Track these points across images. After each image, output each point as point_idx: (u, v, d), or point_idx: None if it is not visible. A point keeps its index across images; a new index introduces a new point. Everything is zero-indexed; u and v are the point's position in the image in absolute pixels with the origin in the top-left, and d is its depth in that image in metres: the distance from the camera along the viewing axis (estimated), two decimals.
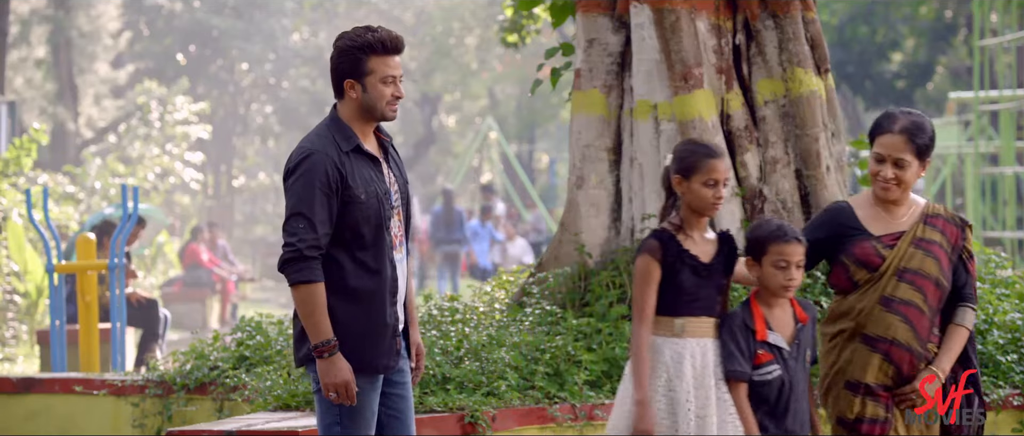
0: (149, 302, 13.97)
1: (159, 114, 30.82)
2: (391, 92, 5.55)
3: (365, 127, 5.60)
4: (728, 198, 8.68)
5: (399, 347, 5.61)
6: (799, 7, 8.93)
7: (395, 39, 5.55)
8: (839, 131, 9.10)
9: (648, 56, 8.85)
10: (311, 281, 5.40)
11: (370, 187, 5.52)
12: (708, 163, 5.59)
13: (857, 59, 35.28)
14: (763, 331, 5.64)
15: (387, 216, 5.55)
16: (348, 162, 5.50)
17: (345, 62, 5.55)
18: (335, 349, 5.40)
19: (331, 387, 5.40)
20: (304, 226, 5.42)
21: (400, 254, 5.63)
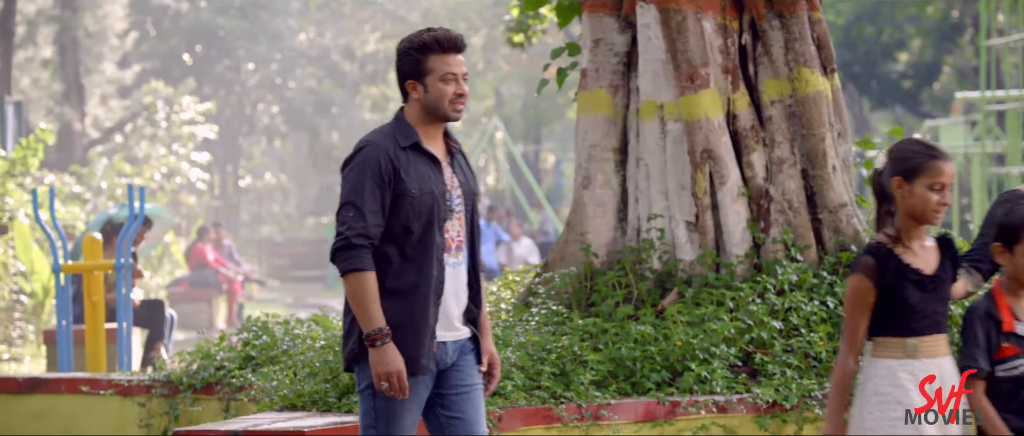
0: (155, 302, 13.98)
1: (165, 114, 30.87)
2: (453, 90, 5.53)
3: (430, 129, 5.60)
4: (734, 198, 8.68)
5: (435, 350, 5.56)
6: (805, 7, 8.93)
7: (453, 37, 5.54)
8: (845, 131, 9.09)
9: (654, 56, 8.85)
10: (360, 269, 5.40)
11: (425, 184, 5.51)
12: (934, 165, 5.15)
13: (863, 59, 35.26)
14: (1010, 322, 5.31)
15: (441, 216, 5.53)
16: (404, 156, 5.50)
17: (405, 64, 5.57)
18: (387, 338, 5.38)
19: (383, 376, 5.38)
20: (353, 215, 5.43)
21: (456, 259, 5.61)
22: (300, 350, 8.40)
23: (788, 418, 7.69)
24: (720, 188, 8.68)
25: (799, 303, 8.26)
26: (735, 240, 8.66)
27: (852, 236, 8.74)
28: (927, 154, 5.18)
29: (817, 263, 8.70)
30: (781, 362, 7.97)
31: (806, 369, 7.98)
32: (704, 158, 8.63)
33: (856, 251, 8.68)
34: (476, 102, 48.44)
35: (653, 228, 8.75)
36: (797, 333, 8.19)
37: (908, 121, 40.51)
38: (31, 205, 15.59)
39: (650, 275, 8.68)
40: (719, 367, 7.86)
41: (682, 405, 7.64)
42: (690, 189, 8.68)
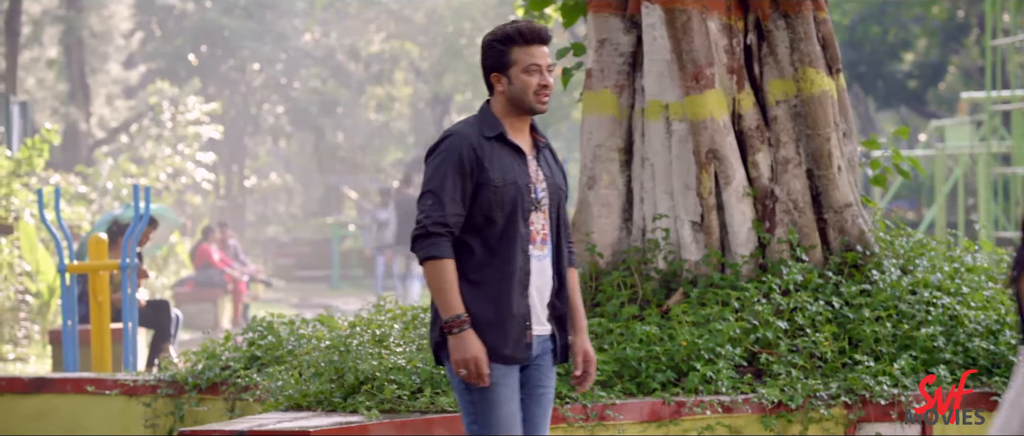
0: (161, 302, 13.99)
1: (171, 114, 30.87)
2: (537, 81, 5.52)
3: (516, 121, 5.59)
4: (739, 198, 8.68)
5: (529, 341, 5.55)
6: (810, 7, 8.93)
7: (536, 29, 5.54)
8: (851, 131, 9.09)
9: (659, 56, 8.84)
10: (437, 257, 5.41)
11: (508, 175, 5.50)
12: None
13: (869, 59, 35.24)
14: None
15: (525, 207, 5.53)
16: (488, 147, 5.51)
17: (489, 57, 5.59)
18: (466, 325, 5.39)
19: (461, 363, 5.38)
20: (432, 203, 5.44)
21: (541, 251, 5.59)
22: (305, 350, 8.41)
23: (793, 418, 7.69)
24: (725, 188, 8.68)
25: (804, 303, 8.25)
26: (740, 240, 8.66)
27: (857, 236, 8.74)
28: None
29: (822, 263, 8.70)
30: (786, 362, 7.97)
31: (811, 369, 7.98)
32: (709, 158, 8.63)
33: (861, 251, 8.68)
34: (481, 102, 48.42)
35: (658, 228, 8.75)
36: (802, 333, 8.19)
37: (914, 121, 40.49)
38: (37, 205, 15.60)
39: (655, 275, 8.68)
40: (724, 367, 7.86)
41: (687, 405, 7.64)
42: (695, 189, 8.68)
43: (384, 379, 7.69)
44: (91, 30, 35.88)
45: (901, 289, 8.44)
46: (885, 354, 8.05)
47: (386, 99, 49.45)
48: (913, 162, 9.91)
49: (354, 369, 7.81)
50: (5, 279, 17.65)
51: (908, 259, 8.91)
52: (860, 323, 8.17)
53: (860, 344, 8.15)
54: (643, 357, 7.91)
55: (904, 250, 8.99)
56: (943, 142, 27.53)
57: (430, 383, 7.67)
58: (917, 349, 8.09)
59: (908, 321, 8.25)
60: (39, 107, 36.18)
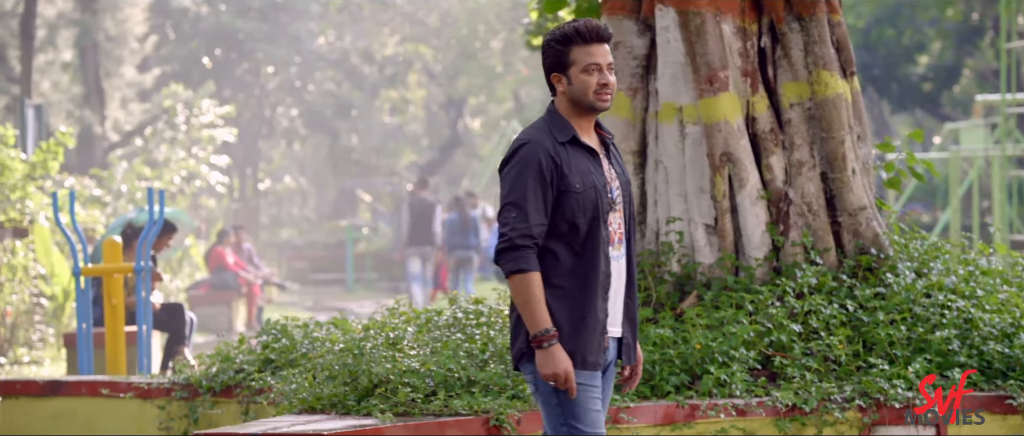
0: (175, 305, 14.00)
1: (185, 117, 30.91)
2: (596, 80, 5.47)
3: (580, 121, 5.54)
4: (753, 201, 8.67)
5: (607, 345, 5.53)
6: (825, 9, 8.92)
7: (594, 28, 5.48)
8: (865, 134, 9.08)
9: (673, 59, 8.84)
10: (524, 270, 5.37)
11: (587, 178, 5.47)
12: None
13: (883, 62, 35.19)
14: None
15: (605, 210, 5.49)
16: (564, 152, 5.47)
17: (549, 58, 5.54)
18: (554, 339, 5.35)
19: (550, 377, 5.35)
20: (516, 215, 5.40)
21: (618, 252, 5.57)
22: (319, 353, 8.41)
23: (808, 421, 7.68)
24: (739, 191, 8.67)
25: (818, 306, 8.24)
26: (754, 243, 8.65)
27: (872, 239, 8.72)
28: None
29: (837, 266, 8.69)
30: (800, 365, 7.96)
31: (826, 372, 7.97)
32: (723, 161, 8.62)
33: (876, 254, 8.67)
34: (495, 105, 48.47)
35: (672, 231, 8.75)
36: (816, 336, 8.17)
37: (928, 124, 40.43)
38: (51, 208, 15.63)
39: (669, 278, 8.67)
40: (738, 370, 7.85)
41: (701, 408, 7.64)
42: (709, 192, 8.68)
43: (398, 382, 7.69)
44: (106, 33, 35.96)
45: (916, 292, 8.43)
46: (900, 357, 8.03)
47: (400, 102, 49.47)
48: (928, 165, 9.89)
49: (368, 372, 7.81)
50: (20, 282, 17.69)
51: (923, 262, 8.89)
52: (874, 326, 8.16)
53: (874, 347, 8.13)
54: (657, 360, 7.91)
55: (919, 253, 8.97)
56: (958, 145, 27.48)
57: (444, 386, 7.68)
58: (932, 352, 8.07)
59: (923, 324, 8.24)
60: (54, 110, 36.25)
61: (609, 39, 5.52)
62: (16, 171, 18.15)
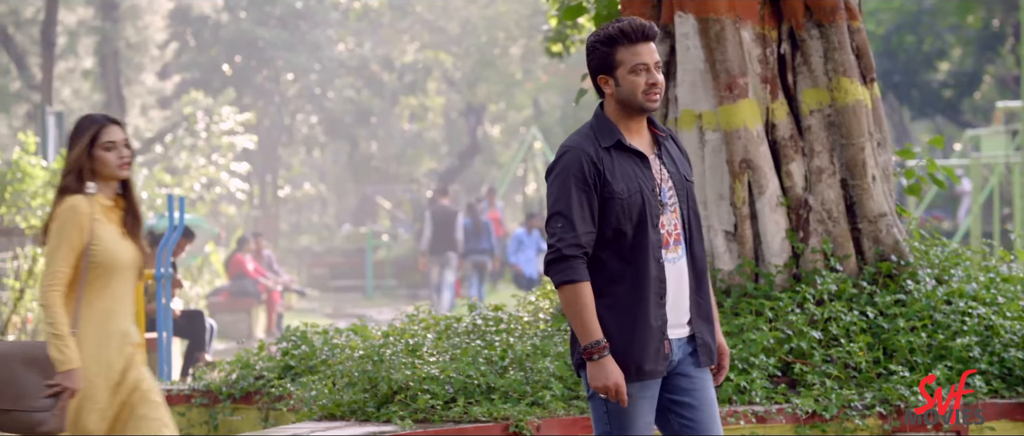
0: (195, 312, 14.03)
1: (205, 125, 30.99)
2: (644, 80, 5.36)
3: (630, 122, 5.42)
4: (773, 208, 8.66)
5: (668, 351, 5.37)
6: (845, 16, 8.90)
7: (640, 27, 5.40)
8: (885, 141, 9.06)
9: (693, 66, 8.83)
10: (574, 281, 5.25)
11: (632, 183, 5.33)
12: None
13: (904, 68, 35.13)
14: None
15: (653, 213, 5.34)
16: (608, 158, 5.34)
17: (594, 60, 5.43)
18: (605, 351, 5.22)
19: (601, 390, 5.24)
20: (562, 225, 5.28)
21: (674, 253, 5.39)
22: (339, 360, 8.42)
23: (828, 428, 7.66)
24: (759, 198, 8.66)
25: (839, 313, 8.22)
26: (774, 250, 8.63)
27: (892, 246, 8.70)
28: None
29: (857, 273, 8.67)
30: (821, 372, 7.94)
31: (846, 379, 7.95)
32: (743, 168, 8.61)
33: (896, 261, 8.65)
34: (515, 112, 48.49)
35: None
36: (837, 343, 8.16)
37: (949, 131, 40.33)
38: None
39: None
40: (758, 377, 7.84)
41: (721, 415, 7.62)
42: (729, 199, 8.67)
43: (417, 389, 7.70)
44: (126, 41, 36.06)
45: (936, 299, 8.41)
46: (920, 364, 8.01)
47: (420, 109, 49.51)
48: (948, 172, 9.87)
49: (387, 379, 7.82)
50: None
51: (943, 269, 8.87)
52: (895, 333, 8.14)
53: (895, 354, 8.11)
54: None
55: (939, 260, 8.94)
56: (978, 151, 27.41)
57: (464, 393, 7.68)
58: (952, 359, 8.05)
59: (943, 331, 8.21)
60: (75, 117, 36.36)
61: (655, 37, 5.44)
62: (37, 178, 18.20)
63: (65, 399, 5.70)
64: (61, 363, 5.68)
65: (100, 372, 5.77)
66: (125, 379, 5.85)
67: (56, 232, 5.81)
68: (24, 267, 17.70)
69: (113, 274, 5.83)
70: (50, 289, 5.75)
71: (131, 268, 5.90)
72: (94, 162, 5.89)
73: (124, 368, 5.84)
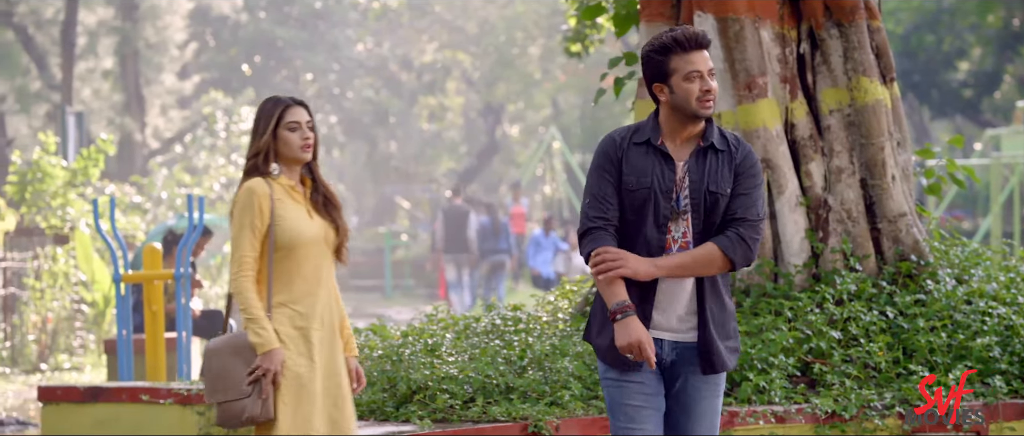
0: (215, 312, 14.05)
1: (224, 124, 31.03)
2: (698, 87, 5.47)
3: (682, 128, 5.53)
4: (792, 207, 8.64)
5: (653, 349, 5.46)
6: (864, 16, 8.89)
7: (693, 35, 5.50)
8: (905, 140, 9.04)
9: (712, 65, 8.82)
10: (595, 250, 5.45)
11: (645, 178, 5.47)
12: None
13: (923, 68, 35.05)
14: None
15: (661, 213, 5.46)
16: (633, 150, 5.52)
17: (649, 69, 5.55)
18: (629, 311, 5.37)
19: (626, 348, 5.38)
20: (588, 202, 5.52)
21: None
22: (358, 360, 8.43)
23: (847, 428, 7.65)
24: (778, 197, 8.65)
25: (858, 313, 8.21)
26: (793, 250, 8.62)
27: (912, 246, 8.69)
28: None
29: (876, 273, 8.65)
30: (840, 372, 7.93)
31: (865, 379, 7.93)
32: (762, 167, 8.60)
33: (916, 261, 8.63)
34: (533, 112, 48.48)
35: None
36: (856, 343, 8.14)
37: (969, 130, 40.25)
38: (92, 215, 15.71)
39: None
40: (777, 377, 7.83)
41: (740, 415, 7.61)
42: None
43: (436, 388, 7.70)
44: (146, 41, 36.15)
45: (956, 299, 8.39)
46: (940, 364, 7.99)
47: (438, 109, 49.54)
48: (968, 171, 9.84)
49: (406, 378, 7.82)
50: (61, 288, 17.79)
51: (963, 268, 8.85)
52: (914, 333, 8.12)
53: (915, 354, 8.10)
54: None
55: (959, 260, 8.92)
56: (999, 151, 27.34)
57: (482, 392, 7.68)
58: (972, 359, 8.03)
59: (963, 331, 8.19)
60: (95, 117, 36.45)
61: (708, 45, 5.52)
62: (57, 178, 18.26)
63: (267, 384, 5.67)
64: (260, 346, 5.65)
65: (301, 353, 5.71)
66: (324, 364, 5.77)
67: (237, 217, 5.76)
68: (44, 266, 17.75)
69: (299, 254, 5.76)
70: (239, 275, 5.71)
71: (319, 246, 5.80)
72: (277, 142, 5.82)
73: (322, 351, 5.76)
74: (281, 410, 5.69)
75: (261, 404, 5.66)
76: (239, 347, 5.75)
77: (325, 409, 5.76)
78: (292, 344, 5.70)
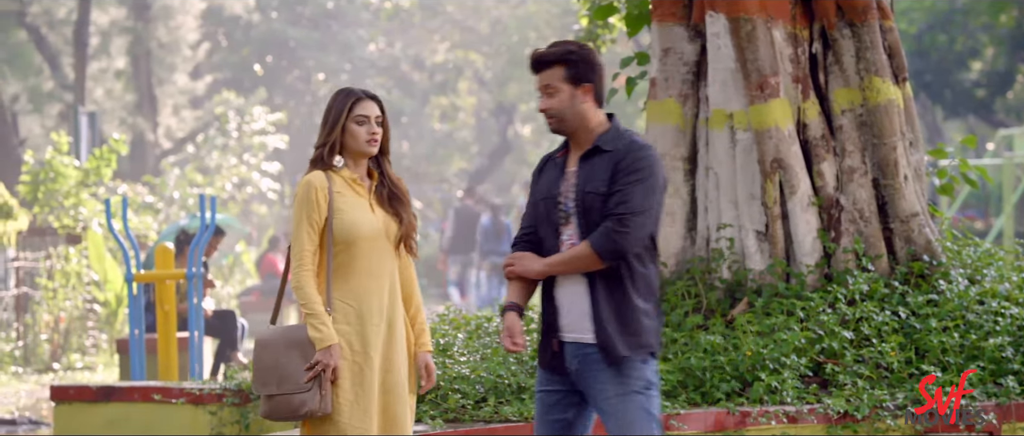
0: (227, 312, 14.08)
1: (236, 124, 31.06)
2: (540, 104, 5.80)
3: (576, 136, 5.74)
4: (804, 207, 8.64)
5: (556, 349, 5.65)
6: (877, 16, 8.88)
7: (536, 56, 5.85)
8: (917, 140, 9.03)
9: (724, 65, 8.82)
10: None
11: (541, 190, 5.74)
12: None
13: (936, 68, 35.00)
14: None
15: (554, 221, 5.67)
16: (546, 168, 5.82)
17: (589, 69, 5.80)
18: (511, 309, 5.75)
19: (503, 338, 5.83)
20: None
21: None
22: None
23: (859, 429, 7.64)
24: (790, 197, 8.64)
25: (870, 313, 8.20)
26: (805, 250, 8.61)
27: (924, 246, 8.67)
28: None
29: (889, 273, 8.64)
30: (852, 372, 7.92)
31: (878, 379, 7.93)
32: (774, 167, 8.59)
33: (928, 261, 8.62)
34: None
35: (723, 238, 8.72)
36: (868, 343, 8.13)
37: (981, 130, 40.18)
38: (104, 215, 15.74)
39: (720, 285, 8.65)
40: (789, 377, 7.82)
41: (752, 415, 7.61)
42: (760, 198, 8.65)
43: (448, 388, 7.71)
44: (158, 41, 36.19)
45: (969, 299, 8.37)
46: (952, 365, 7.98)
47: (450, 109, 49.54)
48: (981, 171, 9.83)
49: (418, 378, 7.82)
50: (73, 288, 17.82)
51: (976, 269, 8.83)
52: (927, 333, 8.11)
53: (927, 354, 8.08)
54: (707, 367, 7.89)
55: (972, 260, 8.91)
56: (1011, 151, 27.29)
57: (494, 392, 7.68)
58: (985, 360, 8.01)
59: (976, 331, 8.18)
60: (107, 117, 36.50)
61: (544, 67, 5.70)
62: (70, 178, 18.29)
63: (326, 379, 5.65)
64: (319, 341, 5.62)
65: (355, 349, 5.69)
66: (383, 359, 5.75)
67: (296, 211, 5.74)
68: (57, 266, 17.78)
69: (358, 248, 5.72)
70: (298, 269, 5.68)
71: (379, 240, 5.77)
72: (345, 135, 5.80)
73: (380, 346, 5.73)
74: (339, 405, 5.67)
75: (321, 398, 5.64)
76: (294, 340, 5.71)
77: (383, 404, 5.74)
78: (347, 339, 5.68)
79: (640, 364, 5.57)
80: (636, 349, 5.56)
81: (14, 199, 17.62)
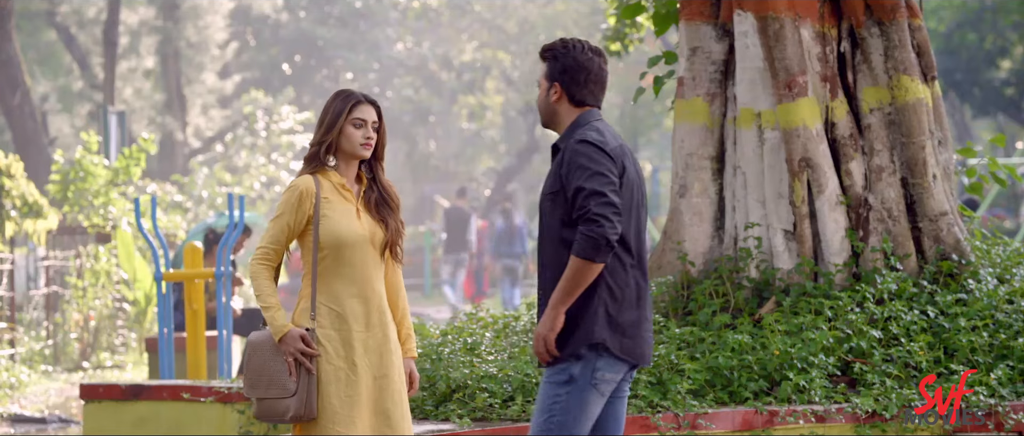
0: (255, 311, 14.10)
1: (265, 124, 31.15)
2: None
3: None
4: (832, 206, 8.62)
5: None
6: (905, 14, 8.85)
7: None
8: (946, 139, 9.00)
9: (752, 64, 8.81)
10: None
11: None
12: None
13: (965, 66, 34.87)
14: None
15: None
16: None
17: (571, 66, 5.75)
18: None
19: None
20: None
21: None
22: None
23: (888, 428, 7.63)
24: (818, 196, 8.62)
25: (899, 312, 8.18)
26: (833, 249, 8.60)
27: (953, 245, 8.65)
28: None
29: (917, 272, 8.62)
30: (881, 372, 7.90)
31: (906, 379, 7.91)
32: (802, 166, 8.58)
33: (957, 260, 8.59)
34: None
35: (750, 237, 8.71)
36: (897, 343, 8.12)
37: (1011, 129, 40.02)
38: (134, 214, 15.79)
39: (747, 284, 8.64)
40: (817, 376, 7.81)
41: (780, 414, 7.60)
42: (788, 197, 8.64)
43: (476, 387, 7.72)
44: (187, 41, 36.30)
45: (998, 298, 8.35)
46: (981, 364, 7.96)
47: (478, 108, 49.56)
48: (1010, 170, 9.80)
49: (446, 377, 7.84)
50: (103, 287, 17.89)
51: (1005, 268, 8.80)
52: (956, 332, 8.09)
53: (956, 354, 8.06)
54: (735, 366, 7.88)
55: (1001, 259, 8.88)
56: None
57: (521, 391, 7.69)
58: (1014, 359, 7.99)
59: (1005, 330, 8.16)
60: (136, 117, 36.62)
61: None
62: (99, 177, 18.36)
63: (312, 381, 5.62)
64: (275, 332, 5.65)
65: (339, 354, 5.67)
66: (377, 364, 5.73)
67: (279, 208, 5.78)
68: (86, 265, 17.85)
69: (344, 254, 5.71)
70: (254, 261, 5.72)
71: (364, 246, 5.74)
72: (340, 136, 5.79)
73: (365, 350, 5.71)
74: (324, 408, 5.68)
75: (305, 403, 5.65)
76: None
77: (372, 411, 5.74)
78: (331, 345, 5.67)
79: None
80: (566, 344, 5.51)
81: (44, 198, 17.70)
